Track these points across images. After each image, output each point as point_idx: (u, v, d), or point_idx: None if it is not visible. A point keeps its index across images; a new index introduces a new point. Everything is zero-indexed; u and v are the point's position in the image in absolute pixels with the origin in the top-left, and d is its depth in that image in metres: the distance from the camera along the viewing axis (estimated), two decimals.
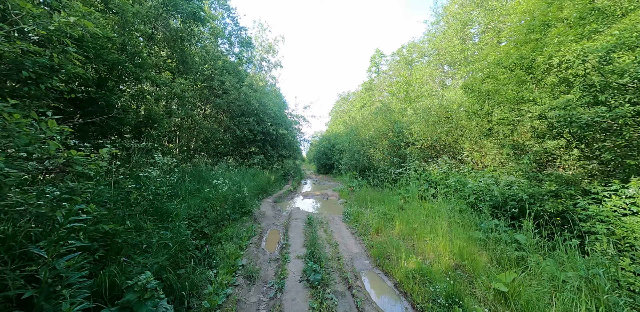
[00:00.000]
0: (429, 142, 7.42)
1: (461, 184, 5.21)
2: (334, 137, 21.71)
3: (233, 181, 6.96)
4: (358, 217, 5.97)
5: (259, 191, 9.50)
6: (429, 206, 5.41)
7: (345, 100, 38.97)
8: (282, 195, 10.34)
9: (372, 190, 9.33)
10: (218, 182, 5.12)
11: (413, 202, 6.13)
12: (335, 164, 19.04)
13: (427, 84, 16.40)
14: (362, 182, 10.45)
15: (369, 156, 10.95)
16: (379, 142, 10.51)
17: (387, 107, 10.47)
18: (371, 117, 10.86)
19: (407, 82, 14.60)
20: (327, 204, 9.01)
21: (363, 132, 11.52)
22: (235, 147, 12.47)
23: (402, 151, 8.86)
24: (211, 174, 6.35)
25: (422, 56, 23.68)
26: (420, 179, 6.80)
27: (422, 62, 26.55)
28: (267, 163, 12.75)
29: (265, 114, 12.64)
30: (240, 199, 6.42)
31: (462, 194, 4.97)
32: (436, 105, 7.33)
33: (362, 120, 11.73)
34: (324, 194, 10.87)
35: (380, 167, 9.56)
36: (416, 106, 8.26)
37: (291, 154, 14.66)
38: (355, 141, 11.90)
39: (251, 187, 8.67)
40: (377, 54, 32.53)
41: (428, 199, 5.90)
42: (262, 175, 10.87)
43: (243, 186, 7.34)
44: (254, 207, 7.23)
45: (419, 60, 29.01)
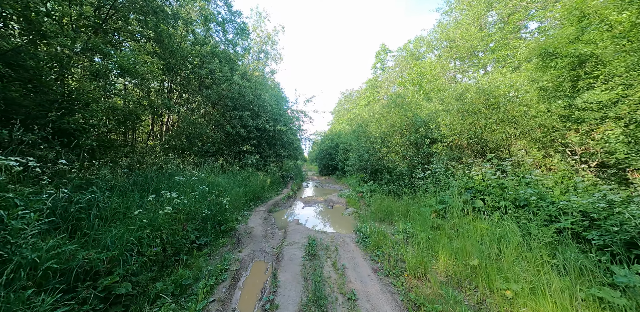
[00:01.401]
0: (463, 139, 5.71)
1: (537, 197, 3.49)
2: (338, 136, 20.01)
3: (207, 189, 5.27)
4: (379, 240, 4.26)
5: (251, 198, 7.83)
6: (484, 228, 3.70)
7: (349, 98, 37.26)
8: (279, 202, 8.65)
9: (387, 197, 7.61)
10: (172, 194, 3.37)
11: (453, 218, 4.43)
12: (339, 164, 17.34)
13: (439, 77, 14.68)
14: (373, 187, 8.74)
15: (381, 156, 9.23)
16: (393, 139, 8.80)
17: (402, 98, 8.75)
18: (383, 111, 9.14)
19: (420, 73, 12.88)
20: (333, 215, 7.30)
21: (373, 129, 9.81)
22: (226, 146, 10.81)
23: (425, 150, 7.14)
24: (176, 180, 4.67)
25: (431, 50, 21.89)
26: (456, 185, 5.09)
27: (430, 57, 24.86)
28: (263, 164, 11.07)
29: (261, 107, 10.97)
30: (219, 214, 4.73)
31: (544, 212, 3.25)
32: (474, 90, 5.62)
33: (372, 115, 10.02)
34: (329, 200, 9.18)
35: (396, 169, 7.85)
36: (444, 94, 6.57)
37: (291, 153, 12.98)
38: (363, 139, 10.20)
39: (239, 194, 6.99)
40: (383, 50, 30.80)
41: (477, 215, 4.18)
42: (256, 178, 9.19)
43: (224, 194, 5.66)
44: (240, 222, 5.55)
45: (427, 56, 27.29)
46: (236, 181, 8.04)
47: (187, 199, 3.84)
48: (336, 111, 39.28)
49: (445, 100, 6.31)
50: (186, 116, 9.25)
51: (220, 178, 7.55)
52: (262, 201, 8.43)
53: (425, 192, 6.42)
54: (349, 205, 8.26)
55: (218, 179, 7.33)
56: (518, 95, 4.84)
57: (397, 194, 7.61)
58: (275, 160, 11.87)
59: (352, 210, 7.39)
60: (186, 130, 8.88)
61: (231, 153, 10.68)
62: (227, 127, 9.71)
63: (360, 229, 5.00)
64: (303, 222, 6.39)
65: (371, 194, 8.54)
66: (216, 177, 7.24)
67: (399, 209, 6.07)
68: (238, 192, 7.03)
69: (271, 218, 6.64)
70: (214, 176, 7.36)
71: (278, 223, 6.25)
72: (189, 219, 3.75)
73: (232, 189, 6.88)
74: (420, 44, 28.05)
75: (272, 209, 7.71)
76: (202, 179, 6.07)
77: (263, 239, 4.77)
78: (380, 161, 9.27)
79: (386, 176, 8.44)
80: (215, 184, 6.52)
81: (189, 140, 9.11)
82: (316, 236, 4.69)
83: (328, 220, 6.72)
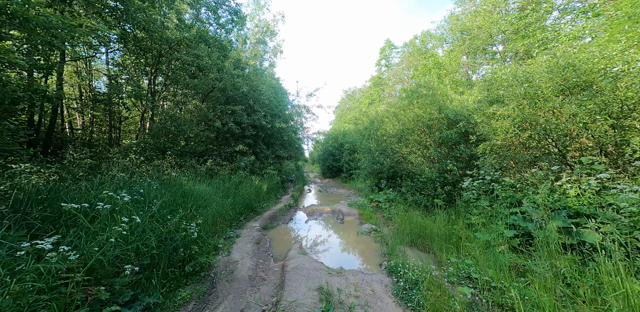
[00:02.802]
0: (526, 136, 4.06)
1: None
2: (342, 136, 18.38)
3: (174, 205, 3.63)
4: (436, 299, 2.61)
5: (242, 210, 6.19)
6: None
7: (351, 97, 35.65)
8: (277, 214, 7.01)
9: (412, 210, 5.99)
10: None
11: (543, 255, 2.79)
12: (344, 166, 15.72)
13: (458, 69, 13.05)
14: (392, 196, 7.10)
15: (399, 158, 7.59)
16: (416, 138, 7.16)
17: (429, 88, 7.11)
18: (403, 104, 7.50)
19: (437, 64, 11.26)
20: (347, 235, 5.65)
21: (389, 126, 8.18)
22: (216, 145, 9.19)
23: (463, 151, 5.50)
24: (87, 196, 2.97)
25: (441, 44, 20.24)
26: (528, 200, 3.46)
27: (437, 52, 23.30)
28: (259, 167, 9.44)
29: (257, 101, 9.34)
30: (182, 247, 3.09)
31: None
32: (544, 67, 3.98)
33: (387, 109, 8.38)
34: (337, 211, 7.53)
35: (423, 174, 6.20)
36: (494, 77, 4.93)
37: (292, 154, 11.35)
38: (375, 138, 8.55)
39: (226, 208, 5.36)
40: (388, 46, 29.17)
41: (580, 255, 2.55)
42: (250, 184, 7.55)
43: (200, 211, 4.03)
44: (220, 251, 3.91)
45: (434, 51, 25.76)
46: (223, 188, 6.40)
47: (109, 235, 2.19)
48: (338, 110, 37.66)
49: (496, 84, 4.67)
50: (166, 110, 7.62)
51: (202, 186, 5.92)
52: (256, 212, 6.79)
53: (469, 205, 4.78)
54: (364, 219, 6.62)
55: (200, 187, 5.70)
56: (630, 68, 3.20)
57: (424, 205, 5.96)
58: (273, 162, 10.24)
59: (369, 227, 5.75)
60: (165, 127, 7.25)
61: (222, 154, 9.05)
62: (215, 123, 8.08)
63: (394, 268, 3.35)
64: (308, 247, 4.74)
65: (389, 204, 6.91)
66: (195, 185, 5.60)
67: (438, 232, 4.42)
68: (224, 204, 5.39)
69: (265, 240, 4.99)
70: (192, 184, 5.73)
71: (275, 249, 4.60)
72: (104, 277, 2.08)
73: (215, 202, 5.25)
74: (428, 39, 26.49)
75: (268, 224, 6.07)
76: (160, 192, 4.44)
77: (250, 285, 3.12)
78: (398, 163, 7.62)
79: (408, 182, 6.80)
80: (191, 196, 4.88)
81: (171, 139, 7.49)
82: (331, 282, 3.04)
83: (341, 244, 5.07)
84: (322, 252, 4.52)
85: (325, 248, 4.76)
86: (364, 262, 4.07)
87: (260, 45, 15.04)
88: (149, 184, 3.67)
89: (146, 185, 3.60)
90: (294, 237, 5.42)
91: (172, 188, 4.84)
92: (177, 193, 4.74)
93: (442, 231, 4.44)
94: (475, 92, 6.46)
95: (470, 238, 3.91)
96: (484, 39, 15.06)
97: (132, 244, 2.42)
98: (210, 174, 7.56)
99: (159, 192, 4.00)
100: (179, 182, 5.37)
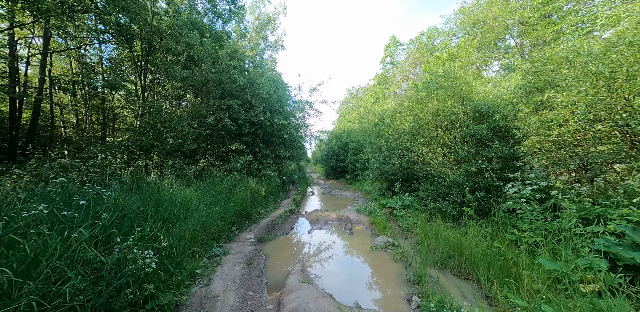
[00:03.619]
0: (607, 129, 3.06)
1: None
2: (347, 135, 17.38)
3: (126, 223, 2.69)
4: None
5: (234, 219, 5.25)
6: None
7: (355, 96, 34.62)
8: (276, 222, 6.06)
9: (434, 218, 5.00)
10: None
11: None
12: (349, 167, 14.73)
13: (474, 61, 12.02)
14: (407, 201, 6.11)
15: (415, 158, 6.60)
16: (433, 135, 6.18)
17: (450, 76, 6.11)
18: (420, 96, 6.50)
19: (451, 55, 10.24)
20: (358, 250, 4.67)
21: (401, 122, 7.19)
22: (210, 144, 8.28)
23: (498, 149, 4.49)
24: None
25: (450, 39, 19.16)
26: (621, 217, 2.49)
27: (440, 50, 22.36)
28: (257, 168, 8.50)
29: (255, 96, 8.41)
30: (129, 288, 2.15)
31: None
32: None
33: (400, 103, 7.41)
34: (344, 218, 6.57)
35: (448, 177, 5.21)
36: (543, 56, 3.92)
37: (293, 153, 10.40)
38: (387, 136, 7.56)
39: (213, 217, 4.43)
40: (393, 43, 28.13)
41: None
42: (245, 187, 6.61)
43: (159, 237, 3.08)
44: (196, 281, 2.97)
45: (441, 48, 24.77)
46: (213, 193, 5.47)
47: None
48: (341, 110, 36.65)
49: (549, 63, 3.66)
50: (151, 105, 6.72)
51: (187, 190, 4.99)
52: (252, 221, 5.85)
53: (512, 216, 3.79)
54: (376, 229, 5.64)
55: (183, 192, 4.78)
56: None
57: (450, 214, 4.97)
58: (273, 162, 9.30)
59: (384, 240, 4.77)
60: (148, 123, 6.35)
61: (216, 154, 8.13)
62: (208, 118, 7.16)
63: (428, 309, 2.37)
64: (312, 269, 3.78)
65: (406, 212, 5.92)
66: (178, 190, 4.67)
67: (476, 250, 3.44)
68: (209, 213, 4.45)
69: (260, 258, 4.05)
70: (178, 188, 4.81)
71: (270, 271, 3.65)
72: None
73: (199, 211, 4.31)
74: (435, 34, 25.42)
75: (265, 235, 5.11)
76: (117, 201, 3.52)
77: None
78: (413, 164, 6.63)
79: (426, 186, 5.80)
80: (169, 203, 3.95)
81: (156, 137, 6.58)
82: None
83: (353, 264, 4.09)
84: (329, 276, 3.55)
85: (333, 270, 3.80)
86: (385, 294, 3.10)
87: (260, 39, 14.11)
88: (100, 192, 2.74)
89: (94, 194, 2.67)
90: (294, 253, 4.47)
91: (146, 195, 3.92)
92: (150, 201, 3.81)
93: (482, 250, 3.45)
94: (516, 77, 5.44)
95: (525, 263, 2.93)
96: (499, 31, 14.00)
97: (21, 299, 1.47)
98: (202, 175, 6.64)
99: (119, 202, 3.07)
100: (158, 187, 4.45)
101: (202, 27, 8.29)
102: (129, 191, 3.88)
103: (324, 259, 4.17)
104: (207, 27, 8.93)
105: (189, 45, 7.51)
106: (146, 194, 3.85)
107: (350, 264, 4.05)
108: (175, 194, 4.26)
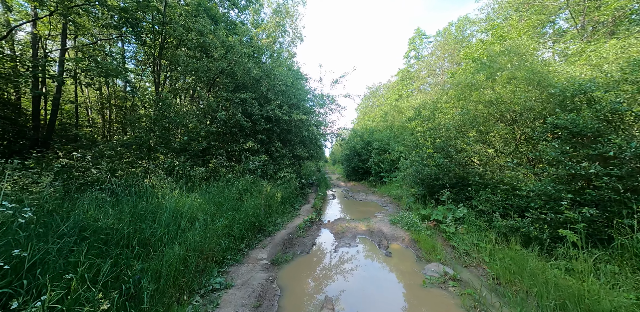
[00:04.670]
0: None
1: None
2: (369, 133, 15.99)
3: None
4: None
5: (243, 233, 4.24)
6: None
7: (375, 93, 32.92)
8: (294, 236, 4.98)
9: (505, 241, 3.61)
10: None
11: None
12: (372, 168, 13.35)
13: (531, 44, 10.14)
14: (459, 213, 4.73)
15: (468, 158, 5.18)
16: (492, 130, 4.73)
17: (518, 53, 4.63)
18: (478, 79, 5.06)
19: (500, 38, 8.57)
20: (406, 285, 3.40)
21: (446, 115, 5.79)
22: (222, 142, 7.43)
23: (627, 146, 3.00)
24: None
25: (491, 24, 16.95)
26: None
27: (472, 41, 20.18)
28: (273, 169, 7.51)
29: (271, 88, 7.44)
30: None
31: None
32: None
33: (445, 91, 6.01)
34: (377, 232, 5.32)
35: (526, 186, 3.77)
36: None
37: (313, 153, 9.32)
38: (427, 133, 6.18)
39: (215, 232, 3.44)
40: (418, 36, 26.12)
41: None
42: (258, 192, 5.61)
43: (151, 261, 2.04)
44: None
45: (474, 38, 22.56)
46: (221, 200, 4.51)
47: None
48: (361, 108, 35.10)
49: None
50: (160, 99, 5.97)
51: (189, 198, 4.07)
52: (265, 233, 4.82)
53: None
54: (421, 248, 4.34)
55: (182, 200, 3.85)
56: None
57: (536, 238, 3.53)
58: (290, 163, 8.27)
59: (438, 268, 3.48)
60: (151, 118, 5.58)
61: (229, 153, 7.26)
62: (219, 113, 6.28)
63: None
64: (343, 309, 2.61)
65: (460, 228, 4.55)
66: (170, 199, 3.73)
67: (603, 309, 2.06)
68: (211, 230, 3.45)
69: (273, 293, 2.96)
70: (179, 194, 3.89)
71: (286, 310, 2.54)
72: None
73: (193, 228, 3.32)
74: (466, 24, 23.14)
75: (281, 255, 4.03)
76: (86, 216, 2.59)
77: None
78: (466, 166, 5.21)
79: (487, 194, 4.37)
80: (158, 217, 2.99)
81: (161, 134, 5.81)
82: None
83: (402, 307, 2.86)
84: None
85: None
86: None
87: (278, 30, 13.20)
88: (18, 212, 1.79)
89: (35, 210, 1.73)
90: (318, 284, 3.33)
91: (126, 206, 3.00)
92: (135, 214, 2.88)
93: (618, 305, 2.07)
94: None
95: None
96: (552, 11, 11.90)
97: None
98: (211, 178, 5.75)
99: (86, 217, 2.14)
100: (147, 194, 3.54)
101: (215, 15, 7.49)
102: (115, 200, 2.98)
103: (361, 298, 2.98)
104: (220, 16, 8.14)
105: (200, 33, 6.71)
106: (126, 205, 2.93)
107: (399, 309, 2.82)
108: (166, 204, 3.30)
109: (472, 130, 5.01)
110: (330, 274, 3.64)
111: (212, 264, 3.24)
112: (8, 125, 8.44)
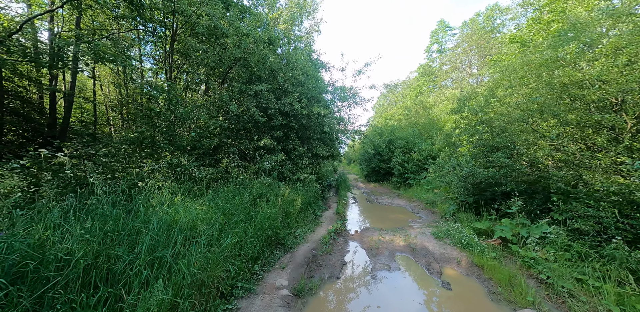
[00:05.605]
0: None
1: None
2: (390, 131, 14.77)
3: None
4: None
5: (258, 251, 3.35)
6: None
7: (393, 90, 31.32)
8: (318, 253, 4.02)
9: (624, 278, 2.43)
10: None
11: None
12: (395, 168, 12.14)
13: None
14: (537, 231, 3.55)
15: (542, 158, 3.97)
16: (584, 120, 3.49)
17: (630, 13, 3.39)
18: (570, 50, 3.83)
19: (562, 12, 7.18)
20: None
21: (503, 105, 4.58)
22: (235, 140, 6.65)
23: None
24: None
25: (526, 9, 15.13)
26: None
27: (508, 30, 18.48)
28: (291, 169, 6.62)
29: (289, 79, 6.55)
30: None
31: None
32: None
33: (508, 67, 4.81)
34: (420, 248, 4.25)
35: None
36: None
37: (333, 152, 8.35)
38: (474, 127, 4.99)
39: (223, 255, 2.54)
40: (441, 28, 24.34)
41: None
42: (275, 197, 4.72)
43: None
44: None
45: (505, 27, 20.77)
46: (230, 208, 3.66)
47: None
48: (377, 106, 33.60)
49: None
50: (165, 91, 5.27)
51: (193, 205, 3.24)
52: (283, 248, 3.92)
53: None
54: (491, 278, 3.23)
55: (181, 210, 3.02)
56: None
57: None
58: (310, 162, 7.34)
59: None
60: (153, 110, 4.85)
61: (242, 151, 6.46)
62: (231, 106, 5.47)
63: None
64: None
65: (549, 252, 3.37)
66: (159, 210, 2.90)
67: None
68: (216, 252, 2.58)
69: None
70: (182, 202, 3.07)
71: None
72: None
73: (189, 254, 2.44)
74: (496, 13, 21.19)
75: (304, 282, 3.09)
76: None
77: None
78: (541, 170, 4.00)
79: (582, 208, 3.18)
80: (122, 241, 2.15)
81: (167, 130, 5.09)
82: None
83: None
84: None
85: None
86: None
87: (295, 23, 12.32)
88: None
89: None
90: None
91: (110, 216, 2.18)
92: (111, 232, 2.06)
93: None
94: None
95: None
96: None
97: None
98: (221, 179, 4.95)
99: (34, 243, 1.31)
100: (134, 203, 2.74)
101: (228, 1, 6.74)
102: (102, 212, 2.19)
103: None
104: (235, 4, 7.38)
105: (211, 17, 5.96)
106: (99, 221, 2.11)
107: None
108: (156, 217, 2.45)
109: (550, 120, 3.80)
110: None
111: (215, 299, 2.37)
112: (23, 123, 8.23)
